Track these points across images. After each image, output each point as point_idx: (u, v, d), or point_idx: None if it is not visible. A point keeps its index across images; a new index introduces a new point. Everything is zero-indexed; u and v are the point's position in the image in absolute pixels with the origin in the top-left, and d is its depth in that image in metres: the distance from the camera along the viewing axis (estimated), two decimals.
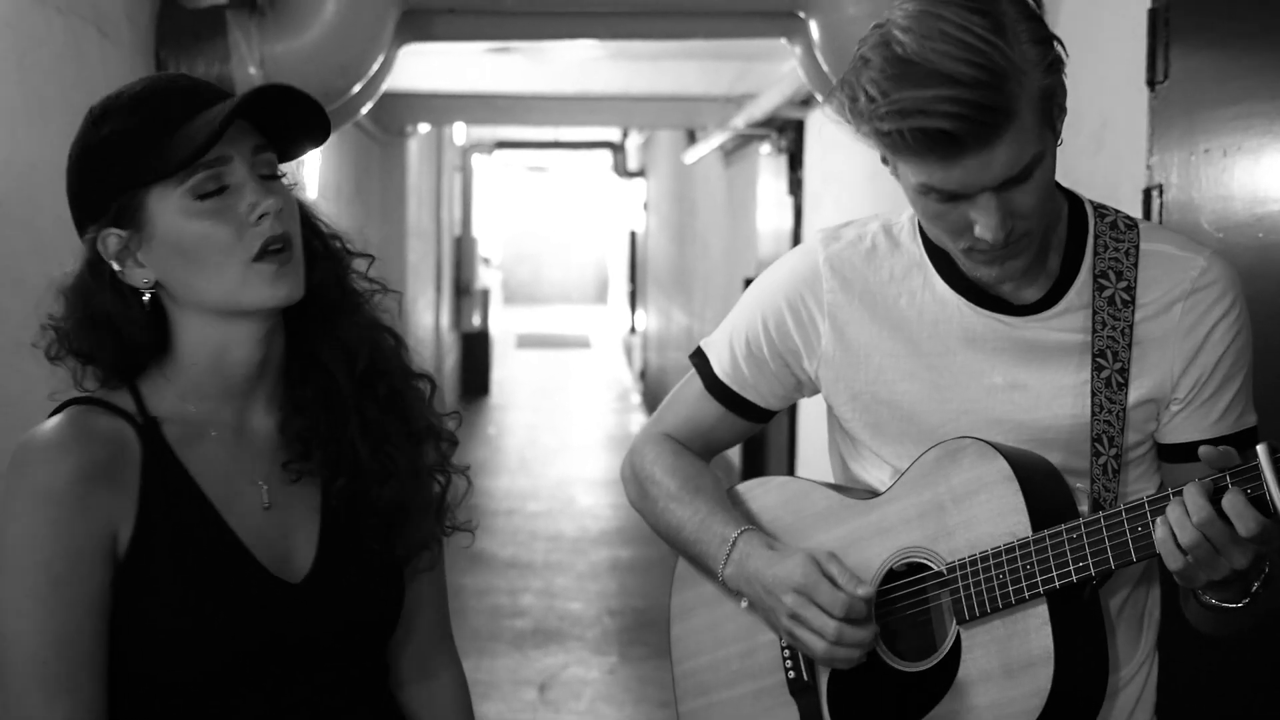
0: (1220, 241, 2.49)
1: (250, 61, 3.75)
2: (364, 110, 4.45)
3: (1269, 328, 2.22)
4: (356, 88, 3.99)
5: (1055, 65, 1.68)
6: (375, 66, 3.92)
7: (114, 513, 1.55)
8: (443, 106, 8.84)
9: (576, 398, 15.80)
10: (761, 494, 2.02)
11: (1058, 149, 1.73)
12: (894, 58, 1.64)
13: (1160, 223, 2.68)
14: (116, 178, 1.57)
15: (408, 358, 1.74)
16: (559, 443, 12.73)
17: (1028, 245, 1.75)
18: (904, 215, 1.92)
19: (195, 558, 1.57)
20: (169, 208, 1.56)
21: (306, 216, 1.68)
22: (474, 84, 8.25)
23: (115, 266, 1.59)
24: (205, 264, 1.56)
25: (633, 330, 18.42)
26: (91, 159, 1.59)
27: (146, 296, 1.60)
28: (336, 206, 4.79)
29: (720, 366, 2.01)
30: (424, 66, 7.43)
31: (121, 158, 1.57)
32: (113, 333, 1.60)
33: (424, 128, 9.82)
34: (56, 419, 1.58)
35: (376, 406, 1.69)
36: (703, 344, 2.05)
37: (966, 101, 1.60)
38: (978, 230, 1.70)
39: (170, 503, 1.58)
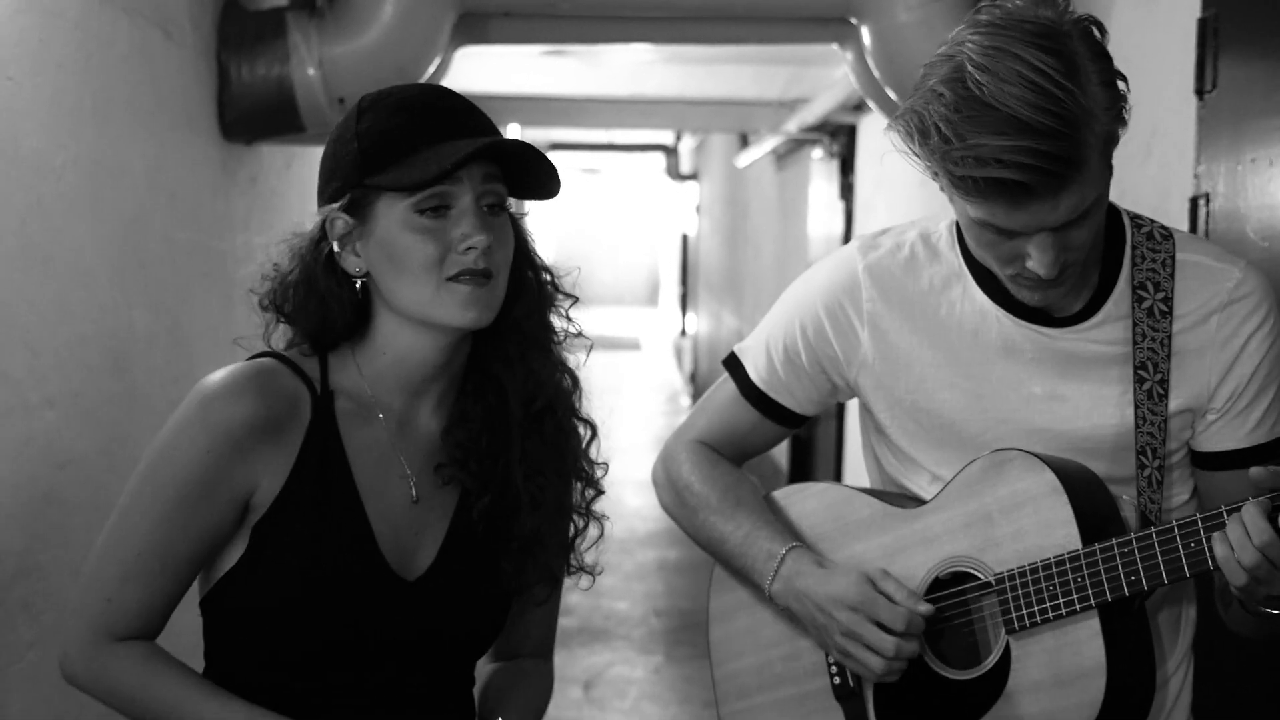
0: (1265, 250, 2.49)
1: (309, 63, 3.80)
2: None
3: None
4: None
5: (1119, 107, 1.66)
6: (432, 68, 3.96)
7: (266, 467, 1.64)
8: (497, 108, 8.86)
9: (626, 400, 15.80)
10: (800, 501, 2.03)
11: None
12: (970, 98, 1.61)
13: (1207, 232, 2.69)
14: (357, 173, 1.65)
15: (579, 402, 1.82)
16: (608, 445, 12.71)
17: (1073, 274, 1.76)
18: (942, 224, 1.92)
19: (322, 533, 1.65)
20: (393, 214, 1.64)
21: (525, 248, 1.76)
22: (528, 86, 8.29)
23: (335, 248, 1.68)
24: (406, 273, 1.64)
25: (683, 333, 18.40)
26: (344, 147, 1.67)
27: (358, 284, 1.69)
28: None
29: (756, 372, 2.02)
30: (478, 69, 7.47)
31: (367, 156, 1.64)
32: (321, 305, 1.69)
33: None
34: (246, 364, 1.67)
35: (540, 440, 1.76)
36: (736, 350, 2.06)
37: (1042, 153, 1.59)
38: (1030, 264, 1.70)
39: (319, 475, 1.66)
